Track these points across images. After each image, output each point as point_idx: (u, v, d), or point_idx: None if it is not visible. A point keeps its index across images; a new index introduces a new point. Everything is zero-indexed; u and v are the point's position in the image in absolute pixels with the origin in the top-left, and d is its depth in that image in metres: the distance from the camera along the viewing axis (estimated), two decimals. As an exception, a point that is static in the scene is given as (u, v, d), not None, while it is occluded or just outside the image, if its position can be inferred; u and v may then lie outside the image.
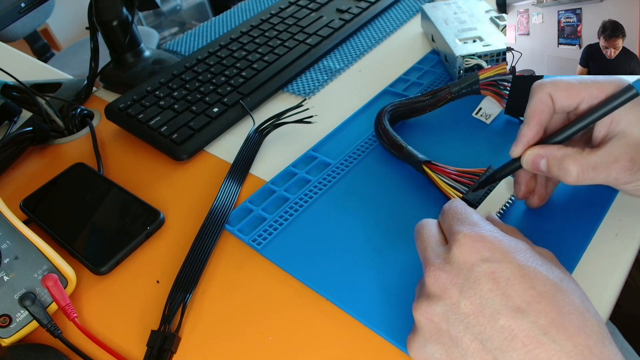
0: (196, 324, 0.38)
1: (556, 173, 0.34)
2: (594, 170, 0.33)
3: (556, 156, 0.34)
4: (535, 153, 0.35)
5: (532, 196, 0.39)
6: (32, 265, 0.40)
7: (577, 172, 0.33)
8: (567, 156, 0.33)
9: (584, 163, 0.33)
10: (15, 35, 1.58)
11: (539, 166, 0.35)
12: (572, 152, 0.33)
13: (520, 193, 0.38)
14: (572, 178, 0.33)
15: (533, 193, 0.39)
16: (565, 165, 0.33)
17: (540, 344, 0.25)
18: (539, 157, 0.34)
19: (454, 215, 0.32)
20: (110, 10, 0.63)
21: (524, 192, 0.38)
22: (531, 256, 0.28)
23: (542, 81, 0.36)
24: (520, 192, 0.38)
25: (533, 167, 0.35)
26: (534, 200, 0.39)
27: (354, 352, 0.34)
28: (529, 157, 0.35)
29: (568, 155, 0.33)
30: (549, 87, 0.35)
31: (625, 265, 0.36)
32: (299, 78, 0.62)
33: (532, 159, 0.35)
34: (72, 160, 0.55)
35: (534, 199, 0.39)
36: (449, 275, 0.29)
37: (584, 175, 0.33)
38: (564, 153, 0.34)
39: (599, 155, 0.33)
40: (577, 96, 0.34)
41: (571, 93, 0.34)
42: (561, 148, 0.34)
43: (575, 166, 0.33)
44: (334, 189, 0.46)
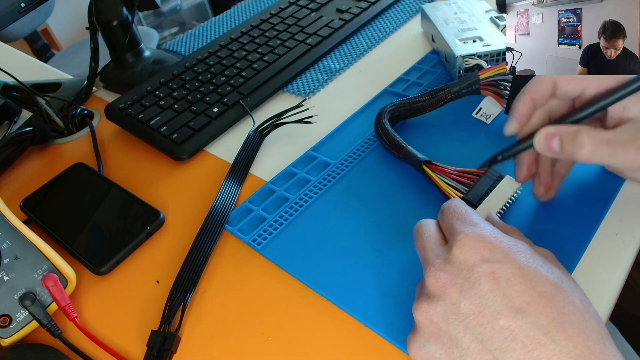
0: (196, 324, 0.38)
1: (569, 150, 0.33)
2: (609, 145, 0.32)
3: (570, 132, 0.33)
4: (548, 131, 0.33)
5: (538, 185, 0.38)
6: (32, 265, 0.40)
7: (591, 146, 0.32)
8: (580, 130, 0.32)
9: (598, 137, 0.32)
10: (15, 35, 1.58)
11: (551, 145, 0.33)
12: (585, 128, 0.32)
13: (521, 175, 0.38)
14: (585, 151, 0.32)
15: (538, 182, 0.38)
16: (579, 139, 0.32)
17: (540, 344, 0.25)
18: (551, 135, 0.33)
19: (453, 214, 0.32)
20: (110, 10, 0.64)
21: (525, 175, 0.38)
22: (531, 256, 0.28)
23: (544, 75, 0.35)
24: (521, 174, 0.38)
25: (546, 146, 0.34)
26: (540, 190, 0.38)
27: (354, 352, 0.34)
28: (542, 135, 0.34)
29: (582, 130, 0.32)
30: (552, 76, 0.35)
31: (625, 265, 0.36)
32: (299, 78, 0.62)
33: (545, 137, 0.34)
34: (72, 160, 0.55)
35: (540, 188, 0.38)
36: (449, 276, 0.29)
37: (599, 150, 0.32)
38: (578, 129, 0.33)
39: (615, 133, 0.32)
40: (582, 82, 0.33)
41: (576, 79, 0.34)
42: (574, 125, 0.33)
43: (590, 139, 0.32)
44: (334, 189, 0.46)
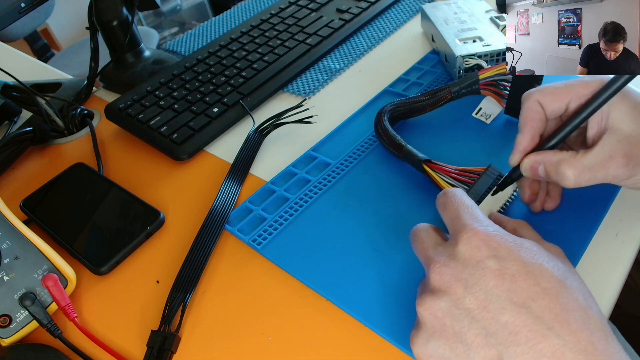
0: (196, 324, 0.38)
1: (554, 178, 0.34)
2: (590, 170, 0.33)
3: (552, 161, 0.34)
4: (532, 160, 0.35)
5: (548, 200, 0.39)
6: (32, 265, 0.40)
7: (574, 176, 0.33)
8: (562, 161, 0.34)
9: (579, 165, 0.33)
10: (15, 35, 1.58)
11: (537, 172, 0.35)
12: (566, 156, 0.34)
13: (525, 196, 0.39)
14: (570, 181, 0.33)
15: (548, 197, 0.39)
16: (562, 170, 0.33)
17: (545, 338, 0.25)
18: (536, 163, 0.35)
19: (460, 205, 0.32)
20: (110, 10, 0.63)
21: (529, 195, 0.39)
22: (537, 253, 0.28)
23: (530, 90, 0.36)
24: (525, 195, 0.39)
25: (532, 173, 0.36)
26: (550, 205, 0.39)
27: (354, 352, 0.34)
28: (527, 164, 0.36)
29: (563, 159, 0.34)
30: (536, 94, 0.36)
31: (625, 265, 0.36)
32: (299, 78, 0.62)
33: (529, 166, 0.35)
34: (72, 160, 0.55)
35: (550, 203, 0.39)
36: (454, 271, 0.29)
37: (582, 177, 0.33)
38: (559, 158, 0.34)
39: (593, 155, 0.33)
40: (565, 98, 0.34)
41: (558, 96, 0.35)
42: (557, 153, 0.34)
43: (571, 169, 0.33)
44: (334, 189, 0.46)
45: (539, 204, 0.39)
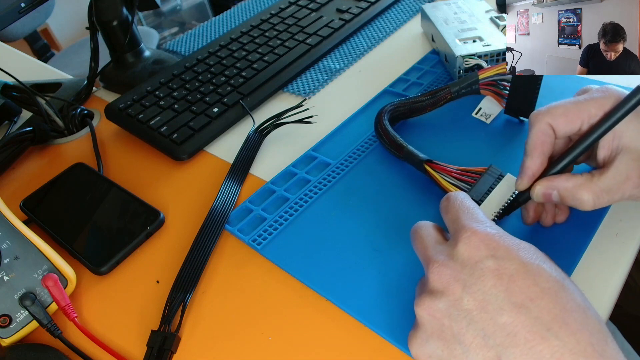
0: (196, 324, 0.38)
1: (571, 203, 0.34)
2: (608, 193, 0.33)
3: (567, 187, 0.33)
4: (545, 187, 0.34)
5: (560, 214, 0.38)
6: (32, 265, 0.40)
7: (592, 200, 0.33)
8: (578, 186, 0.33)
9: (596, 189, 0.33)
10: (15, 35, 1.58)
11: (550, 198, 0.34)
12: (582, 180, 0.33)
13: (529, 219, 0.38)
14: (588, 205, 0.33)
15: (560, 212, 0.38)
16: (579, 196, 0.33)
17: (544, 339, 0.25)
18: (549, 189, 0.34)
19: (460, 207, 0.32)
20: (110, 10, 0.64)
21: (533, 218, 0.38)
22: (535, 254, 0.28)
23: (539, 111, 0.35)
24: (529, 218, 0.38)
25: (545, 199, 0.35)
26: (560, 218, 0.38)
27: (354, 352, 0.34)
28: (539, 191, 0.35)
29: (578, 184, 0.33)
30: (547, 116, 0.34)
31: (625, 266, 0.36)
32: (299, 78, 0.62)
33: (542, 193, 0.35)
34: (72, 160, 0.55)
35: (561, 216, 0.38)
36: (453, 272, 0.28)
37: (600, 201, 0.33)
38: (574, 183, 0.33)
39: (609, 178, 0.32)
40: (577, 119, 0.34)
41: (570, 118, 0.34)
42: (570, 178, 0.34)
43: (590, 194, 0.33)
44: (334, 189, 0.46)
45: (550, 218, 0.38)
